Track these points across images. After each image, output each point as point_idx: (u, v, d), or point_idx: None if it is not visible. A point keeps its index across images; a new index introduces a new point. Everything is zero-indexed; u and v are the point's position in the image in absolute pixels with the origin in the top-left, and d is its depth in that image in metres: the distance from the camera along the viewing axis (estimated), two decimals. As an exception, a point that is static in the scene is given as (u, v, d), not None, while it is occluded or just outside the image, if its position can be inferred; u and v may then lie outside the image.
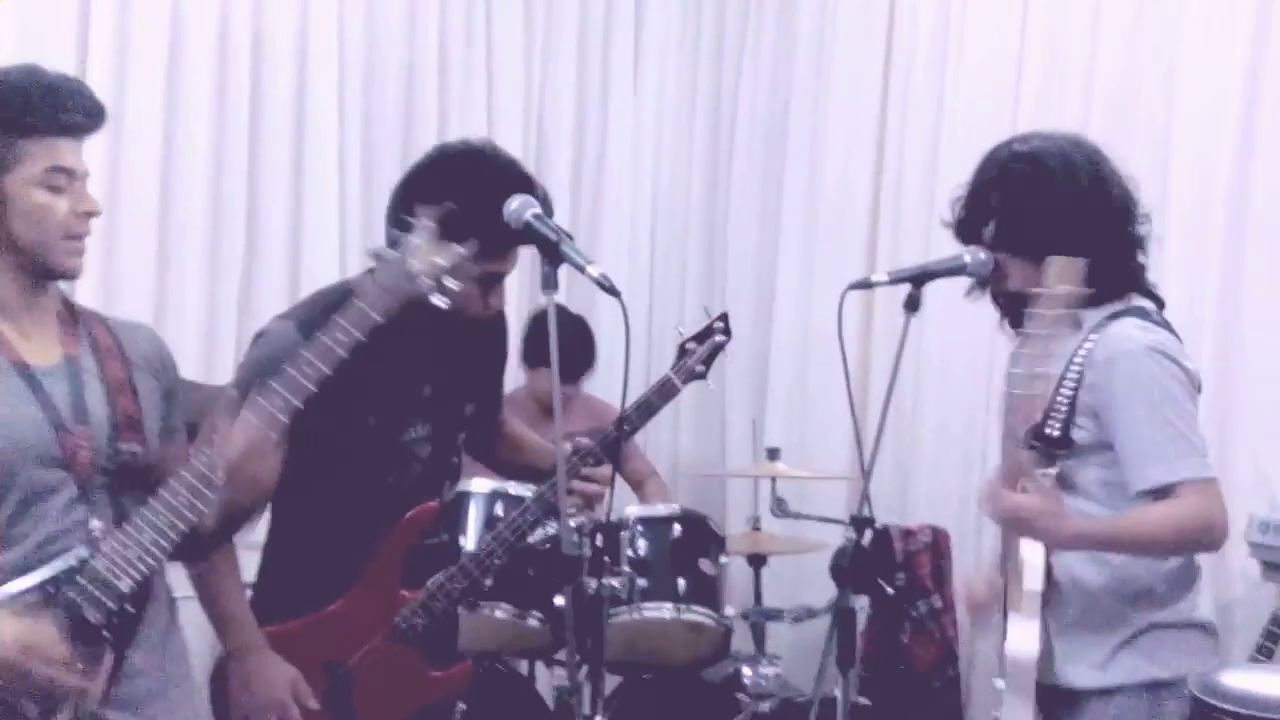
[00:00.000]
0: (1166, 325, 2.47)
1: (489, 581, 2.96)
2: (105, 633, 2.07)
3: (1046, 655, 2.42)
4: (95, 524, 2.12)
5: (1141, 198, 2.53)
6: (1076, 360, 2.40)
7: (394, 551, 2.64)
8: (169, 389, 2.30)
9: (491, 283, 2.61)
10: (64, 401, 2.13)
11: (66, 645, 2.02)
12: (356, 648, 2.64)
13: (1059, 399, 2.39)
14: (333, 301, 2.53)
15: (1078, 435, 2.40)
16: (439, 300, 2.20)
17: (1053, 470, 2.41)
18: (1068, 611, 2.43)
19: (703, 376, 2.93)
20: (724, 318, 2.97)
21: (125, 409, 2.19)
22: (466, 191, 2.39)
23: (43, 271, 2.15)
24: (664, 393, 2.87)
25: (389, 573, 2.65)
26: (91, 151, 2.22)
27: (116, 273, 3.92)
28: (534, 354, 4.27)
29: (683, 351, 2.92)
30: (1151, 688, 2.41)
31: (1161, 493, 2.34)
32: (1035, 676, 2.40)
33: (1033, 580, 2.41)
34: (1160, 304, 2.53)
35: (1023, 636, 2.41)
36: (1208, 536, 2.38)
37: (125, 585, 2.07)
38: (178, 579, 2.37)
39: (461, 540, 3.32)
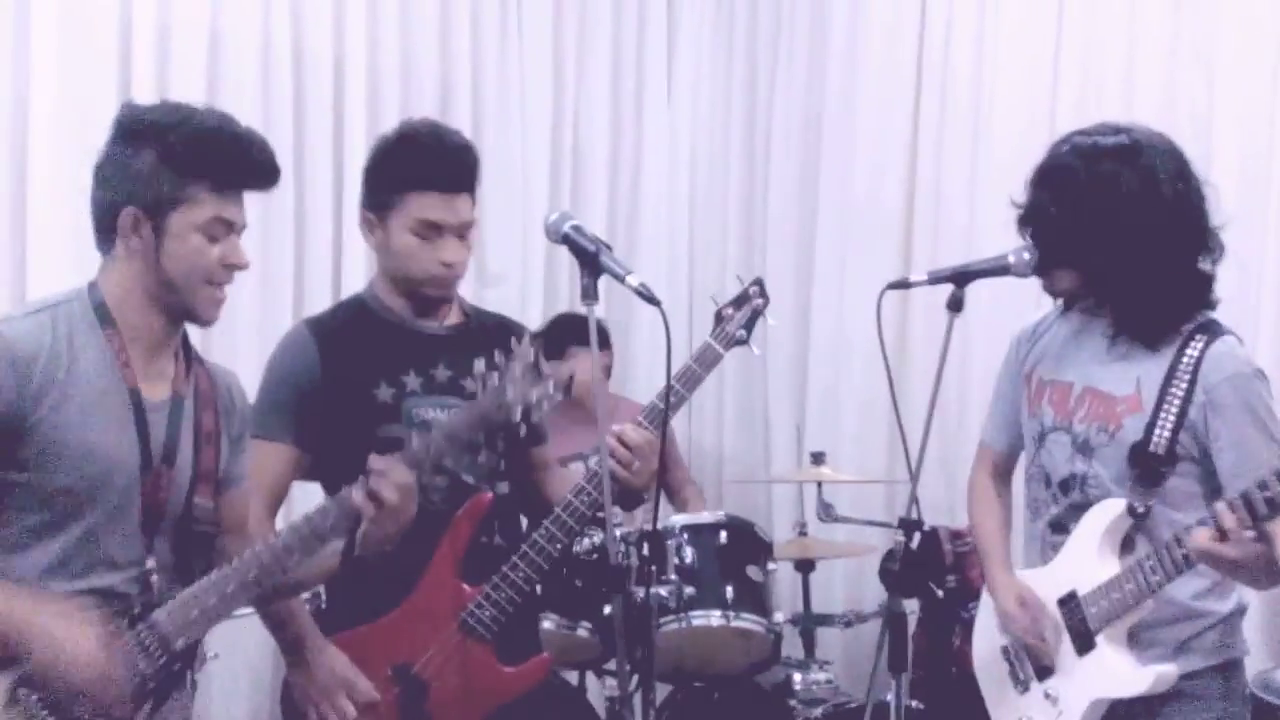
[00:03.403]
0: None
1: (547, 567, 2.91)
2: (150, 684, 2.08)
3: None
4: (151, 563, 2.13)
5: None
6: (1182, 375, 2.40)
7: (453, 548, 2.63)
8: (237, 437, 2.32)
9: (431, 234, 2.61)
10: (159, 440, 2.14)
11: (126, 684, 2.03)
12: (425, 649, 2.63)
13: (1165, 412, 2.40)
14: (344, 308, 2.82)
15: (1176, 449, 2.41)
16: (523, 429, 2.16)
17: (1157, 489, 2.41)
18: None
19: (744, 342, 2.88)
20: (759, 282, 2.93)
21: (208, 462, 2.21)
22: (390, 150, 2.69)
23: (180, 312, 2.17)
24: (706, 360, 2.79)
25: (448, 570, 2.64)
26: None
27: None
28: (557, 346, 4.06)
29: (720, 318, 2.87)
30: (1227, 667, 2.48)
31: None
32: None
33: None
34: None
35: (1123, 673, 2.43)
36: None
37: (179, 645, 2.09)
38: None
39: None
